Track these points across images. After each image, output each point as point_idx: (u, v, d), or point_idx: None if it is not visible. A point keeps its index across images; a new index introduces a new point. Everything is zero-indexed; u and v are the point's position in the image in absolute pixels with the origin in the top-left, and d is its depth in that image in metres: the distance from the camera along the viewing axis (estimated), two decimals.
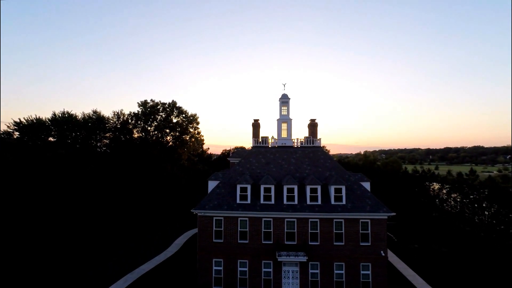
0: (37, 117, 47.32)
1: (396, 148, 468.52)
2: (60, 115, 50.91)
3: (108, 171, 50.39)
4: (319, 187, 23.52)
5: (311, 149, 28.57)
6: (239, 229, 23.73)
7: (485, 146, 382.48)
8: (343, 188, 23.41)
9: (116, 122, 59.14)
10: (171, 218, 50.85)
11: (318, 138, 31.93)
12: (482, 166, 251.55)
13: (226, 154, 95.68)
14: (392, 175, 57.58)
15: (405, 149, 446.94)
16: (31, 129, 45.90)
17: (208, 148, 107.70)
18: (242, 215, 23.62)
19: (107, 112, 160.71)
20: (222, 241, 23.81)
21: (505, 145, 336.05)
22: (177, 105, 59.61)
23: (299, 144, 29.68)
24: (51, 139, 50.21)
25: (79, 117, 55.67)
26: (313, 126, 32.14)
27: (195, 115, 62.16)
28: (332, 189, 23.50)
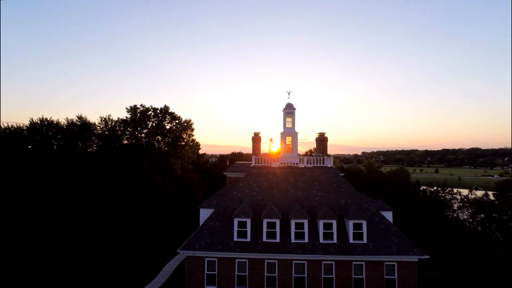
0: (9, 125, 42.53)
1: (393, 149, 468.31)
2: (39, 122, 46.20)
3: (93, 182, 45.81)
4: (334, 222, 19.23)
5: (322, 170, 24.28)
6: (236, 273, 19.36)
7: (483, 148, 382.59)
8: (364, 223, 19.14)
9: (104, 128, 54.54)
10: (162, 234, 46.27)
11: (328, 154, 27.76)
12: (482, 169, 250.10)
13: (223, 160, 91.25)
14: (402, 187, 53.61)
15: (403, 151, 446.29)
16: (4, 139, 41.19)
17: (205, 153, 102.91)
18: (241, 256, 19.26)
19: (93, 118, 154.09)
20: (215, 287, 19.42)
21: (503, 147, 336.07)
22: (170, 111, 55.08)
23: (306, 162, 25.39)
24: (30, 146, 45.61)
25: (63, 123, 51.07)
26: (322, 140, 27.94)
27: (190, 121, 57.63)
28: (350, 224, 19.23)
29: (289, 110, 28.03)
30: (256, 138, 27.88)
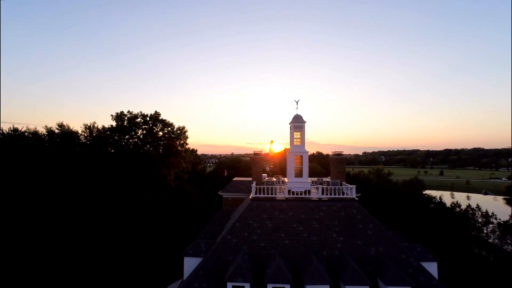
0: None
1: (395, 149, 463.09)
2: (10, 132, 40.87)
3: (72, 198, 40.71)
4: None
5: (342, 204, 18.87)
6: None
7: (485, 148, 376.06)
8: None
9: (88, 137, 49.20)
10: (151, 256, 41.13)
11: (345, 179, 22.38)
12: (488, 171, 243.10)
13: (221, 167, 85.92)
14: (416, 199, 48.13)
15: (404, 151, 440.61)
16: None
17: (204, 155, 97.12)
18: None
19: (77, 126, 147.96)
20: None
21: (506, 147, 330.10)
22: (161, 118, 49.70)
23: (321, 193, 19.95)
24: None
25: (41, 132, 45.79)
26: (339, 162, 22.52)
27: (183, 128, 52.34)
28: None
29: (298, 124, 22.65)
30: (256, 159, 22.46)
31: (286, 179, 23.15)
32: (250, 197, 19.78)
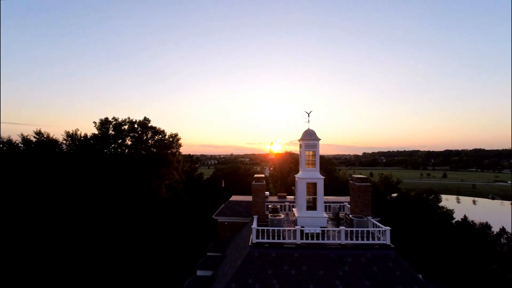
0: None
1: (395, 150, 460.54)
2: None
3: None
4: None
5: (373, 254, 14.11)
6: None
7: (486, 148, 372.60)
8: None
9: (71, 145, 44.30)
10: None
11: (371, 212, 17.67)
12: (491, 173, 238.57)
13: (219, 174, 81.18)
14: (437, 218, 43.48)
15: (404, 151, 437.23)
16: None
17: (201, 162, 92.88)
18: None
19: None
20: None
21: (506, 147, 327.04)
22: (150, 125, 44.81)
23: (344, 237, 15.13)
24: None
25: (15, 141, 40.95)
26: (363, 191, 17.77)
27: (176, 135, 47.48)
28: None
29: (311, 142, 17.88)
30: (258, 188, 17.63)
31: (295, 211, 18.38)
32: (250, 243, 14.95)
